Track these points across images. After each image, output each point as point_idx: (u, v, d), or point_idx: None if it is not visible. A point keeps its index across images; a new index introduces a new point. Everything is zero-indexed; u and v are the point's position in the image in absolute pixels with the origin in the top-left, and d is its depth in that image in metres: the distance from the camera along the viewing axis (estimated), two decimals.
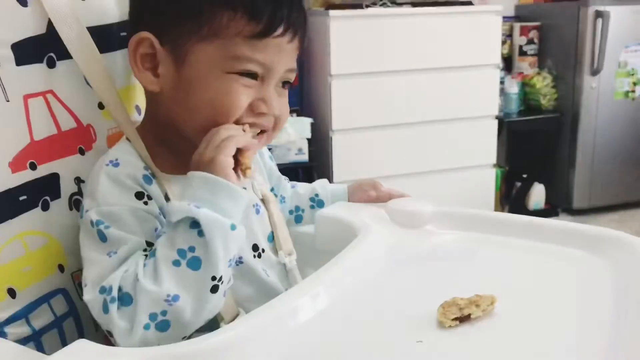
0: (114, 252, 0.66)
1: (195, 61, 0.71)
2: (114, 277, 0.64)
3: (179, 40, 0.71)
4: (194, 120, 0.73)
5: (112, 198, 0.69)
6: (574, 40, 2.93)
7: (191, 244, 0.63)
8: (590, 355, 0.59)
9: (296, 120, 2.55)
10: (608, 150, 3.01)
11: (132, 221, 0.68)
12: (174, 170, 0.75)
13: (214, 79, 0.71)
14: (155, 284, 0.62)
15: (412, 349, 0.61)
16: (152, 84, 0.73)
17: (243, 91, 0.72)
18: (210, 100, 0.71)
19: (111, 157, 0.73)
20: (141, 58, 0.72)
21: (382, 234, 0.86)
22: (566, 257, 0.81)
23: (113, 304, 0.62)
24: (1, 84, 0.69)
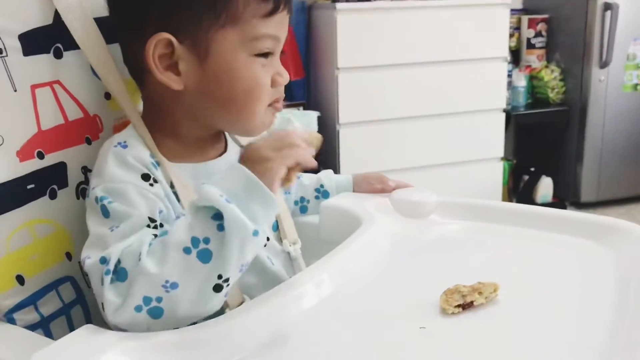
0: (116, 227, 0.65)
1: (219, 51, 0.71)
2: (115, 249, 0.62)
3: (198, 33, 0.71)
4: (228, 110, 0.74)
5: (118, 176, 0.69)
6: (582, 33, 2.91)
7: (207, 235, 0.61)
8: (592, 344, 0.59)
9: (303, 113, 2.55)
10: (616, 143, 3.00)
11: (137, 198, 0.68)
12: (179, 158, 0.76)
13: (241, 65, 0.72)
14: (157, 266, 0.60)
15: (415, 335, 0.62)
16: (176, 83, 0.72)
17: (265, 71, 0.74)
18: (241, 88, 0.73)
19: (119, 139, 0.74)
20: (159, 59, 0.71)
21: (386, 223, 0.86)
22: (571, 246, 0.81)
23: (108, 276, 0.60)
24: (9, 74, 0.70)
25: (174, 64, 0.72)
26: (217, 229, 0.61)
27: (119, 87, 0.78)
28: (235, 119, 0.76)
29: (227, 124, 0.78)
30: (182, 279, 0.60)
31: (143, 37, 0.70)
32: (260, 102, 0.75)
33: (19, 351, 0.65)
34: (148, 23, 0.71)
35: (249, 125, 0.77)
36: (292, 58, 2.64)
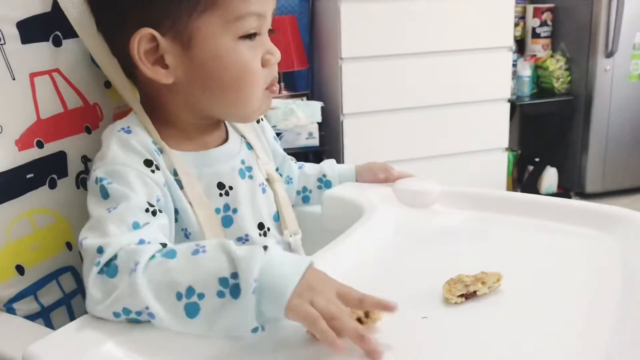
0: (113, 208, 0.64)
1: (203, 37, 0.70)
2: (116, 242, 0.60)
3: (179, 23, 0.69)
4: (222, 99, 0.74)
5: (120, 159, 0.69)
6: (588, 22, 2.89)
7: (205, 292, 0.56)
8: (597, 334, 0.58)
9: (306, 104, 2.54)
10: (622, 133, 2.98)
11: (136, 182, 0.67)
12: (180, 147, 0.76)
13: (227, 51, 0.71)
14: (147, 290, 0.56)
15: (417, 325, 0.61)
16: (165, 77, 0.71)
17: (253, 54, 0.73)
18: (231, 76, 0.72)
19: (123, 125, 0.73)
20: (145, 55, 0.70)
21: (388, 213, 0.86)
22: (575, 235, 0.80)
23: (97, 267, 0.59)
24: (7, 62, 0.70)
25: (160, 58, 0.71)
26: (218, 295, 0.56)
27: (118, 76, 0.77)
28: (230, 107, 0.75)
29: (223, 112, 0.78)
30: (163, 314, 0.57)
31: (126, 34, 0.70)
32: (254, 87, 0.74)
33: (19, 341, 0.65)
34: (128, 20, 0.70)
35: (245, 112, 0.77)
36: (296, 48, 2.63)
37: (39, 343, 0.55)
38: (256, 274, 0.55)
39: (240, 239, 0.77)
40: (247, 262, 0.55)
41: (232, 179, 0.78)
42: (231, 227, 0.77)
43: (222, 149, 0.80)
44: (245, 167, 0.81)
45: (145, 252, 0.58)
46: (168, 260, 0.58)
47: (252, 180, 0.81)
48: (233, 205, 0.77)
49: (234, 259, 0.56)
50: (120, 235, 0.61)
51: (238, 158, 0.81)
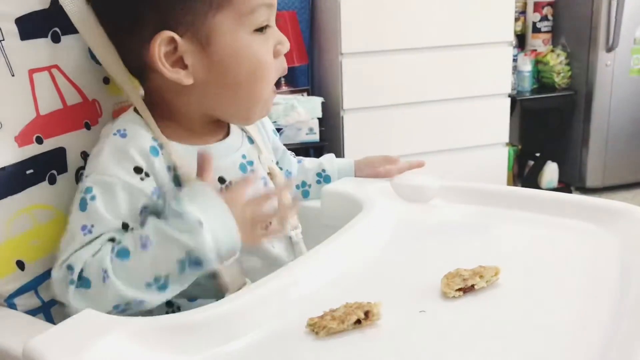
0: (88, 231, 0.67)
1: (221, 35, 0.71)
2: (79, 257, 0.66)
3: (196, 23, 0.70)
4: (236, 95, 0.75)
5: (110, 168, 0.69)
6: (588, 17, 2.88)
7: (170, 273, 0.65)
8: (594, 327, 0.58)
9: (307, 99, 2.54)
10: (622, 128, 2.98)
11: (122, 195, 0.69)
12: (182, 140, 0.76)
13: (243, 45, 0.72)
14: (124, 286, 0.64)
15: (415, 319, 0.62)
16: (186, 78, 0.72)
17: (267, 46, 0.75)
18: (247, 69, 0.73)
19: (119, 127, 0.73)
20: (165, 57, 0.71)
21: (388, 208, 0.86)
22: (574, 229, 0.80)
23: (71, 286, 0.64)
24: (6, 58, 0.70)
25: (179, 59, 0.71)
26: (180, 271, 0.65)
27: (119, 70, 0.77)
28: (242, 104, 0.76)
29: (231, 111, 0.78)
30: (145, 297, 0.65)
31: (142, 39, 0.70)
32: (267, 80, 0.76)
33: (20, 336, 0.65)
34: (145, 25, 0.70)
35: (252, 108, 0.78)
36: (296, 44, 2.62)
37: (40, 337, 0.55)
38: (211, 244, 0.65)
39: None
40: (199, 241, 0.64)
41: (233, 173, 0.79)
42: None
43: (224, 143, 0.81)
44: (247, 161, 0.81)
45: (105, 257, 0.65)
46: (124, 261, 0.65)
47: (253, 174, 0.81)
48: None
49: (179, 240, 0.64)
50: (81, 250, 0.67)
51: (239, 152, 0.81)
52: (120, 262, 0.65)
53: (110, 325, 0.57)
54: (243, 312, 0.61)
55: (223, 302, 0.62)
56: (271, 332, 0.60)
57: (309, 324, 0.60)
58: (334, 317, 0.60)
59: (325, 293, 0.66)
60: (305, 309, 0.62)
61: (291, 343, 0.59)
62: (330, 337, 0.59)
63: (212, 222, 0.65)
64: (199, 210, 0.65)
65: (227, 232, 0.67)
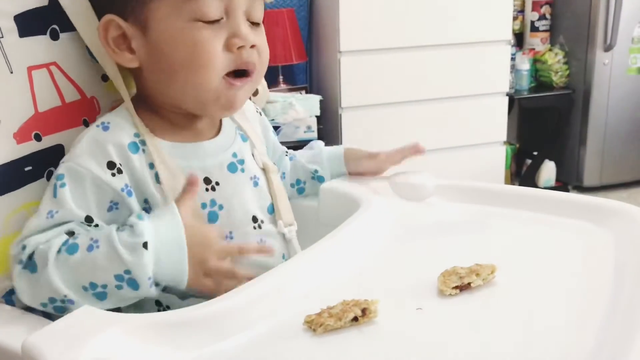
0: (51, 216, 0.68)
1: (157, 21, 0.71)
2: (34, 240, 0.66)
3: (137, 8, 0.72)
4: (174, 82, 0.73)
5: (83, 159, 0.70)
6: (586, 16, 2.89)
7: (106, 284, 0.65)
8: (589, 326, 0.59)
9: (305, 97, 2.54)
10: (620, 127, 2.98)
11: (90, 188, 0.70)
12: (170, 137, 0.76)
13: (178, 32, 0.71)
14: (60, 282, 0.64)
15: (412, 316, 0.62)
16: (131, 62, 0.74)
17: (212, 35, 0.71)
18: (181, 56, 0.71)
19: (105, 119, 0.74)
20: (114, 41, 0.73)
21: (384, 206, 0.86)
22: (569, 227, 0.81)
23: (19, 265, 0.66)
24: (4, 55, 0.70)
25: (129, 44, 0.73)
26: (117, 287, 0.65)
27: (113, 68, 0.77)
28: (185, 90, 0.73)
29: (180, 98, 0.75)
30: (79, 300, 0.65)
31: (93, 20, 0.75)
32: (207, 70, 0.71)
33: (18, 332, 0.65)
34: (99, 8, 0.74)
35: (200, 98, 0.74)
36: (294, 41, 2.62)
37: (38, 333, 0.55)
38: (149, 272, 0.64)
39: (225, 237, 0.77)
40: (137, 263, 0.64)
41: (219, 174, 0.78)
42: (217, 223, 0.77)
43: (214, 142, 0.80)
44: (238, 160, 0.81)
45: (53, 247, 0.65)
46: (69, 257, 0.65)
47: (243, 173, 0.80)
48: (219, 201, 0.77)
49: (121, 256, 0.64)
50: (40, 234, 0.67)
51: (230, 151, 0.81)
52: (66, 256, 0.65)
53: (108, 321, 0.57)
54: (240, 309, 0.61)
55: (220, 299, 0.62)
56: (268, 329, 0.60)
57: (306, 321, 0.60)
58: (331, 314, 0.60)
59: (323, 290, 0.67)
60: (302, 306, 0.63)
61: (288, 340, 0.59)
62: (327, 334, 0.59)
63: (160, 251, 0.65)
64: (153, 231, 0.65)
65: (174, 264, 0.66)
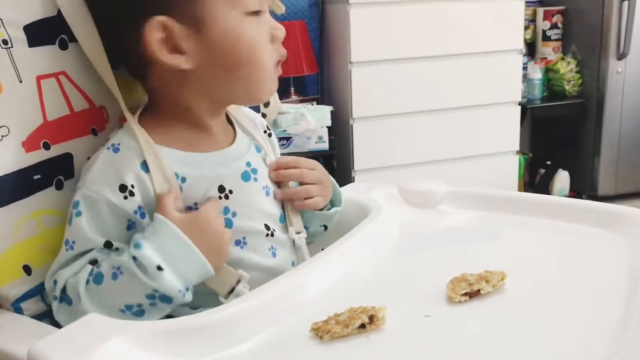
0: (70, 247, 0.70)
1: (213, 17, 0.71)
2: (63, 274, 0.68)
3: (189, 7, 0.70)
4: (237, 76, 0.75)
5: (96, 185, 0.70)
6: (599, 24, 2.87)
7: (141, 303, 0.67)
8: (601, 333, 0.58)
9: (316, 108, 2.54)
10: (634, 135, 2.95)
11: (105, 213, 0.70)
12: (186, 148, 0.76)
13: (236, 25, 0.72)
14: (97, 310, 0.66)
15: (420, 323, 0.61)
16: (185, 63, 0.72)
17: (261, 29, 0.75)
18: (244, 48, 0.73)
19: (114, 141, 0.73)
20: (161, 44, 0.70)
21: (394, 213, 0.86)
22: (581, 234, 0.80)
23: (55, 301, 0.68)
24: (14, 65, 0.70)
25: (175, 46, 0.71)
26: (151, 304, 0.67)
27: (112, 82, 0.76)
28: (245, 85, 0.76)
29: (237, 93, 0.78)
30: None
31: (137, 28, 0.70)
32: (266, 60, 0.75)
33: (26, 340, 0.65)
34: (135, 11, 0.70)
35: (258, 89, 0.78)
36: (306, 53, 2.63)
37: (44, 340, 0.55)
38: (177, 286, 0.66)
39: (238, 242, 0.76)
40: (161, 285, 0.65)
41: (233, 182, 0.78)
42: (232, 230, 0.76)
43: (228, 150, 0.80)
44: (251, 169, 0.81)
45: (82, 279, 0.67)
46: (98, 287, 0.67)
47: (256, 182, 0.80)
48: (232, 209, 0.77)
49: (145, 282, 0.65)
50: (66, 267, 0.69)
51: (244, 160, 0.81)
52: (94, 286, 0.67)
53: (114, 329, 0.57)
54: (246, 316, 0.61)
55: (226, 306, 0.62)
56: (275, 336, 0.60)
57: (313, 328, 0.60)
58: (338, 322, 0.59)
59: (330, 297, 0.66)
60: (309, 313, 0.62)
61: (295, 347, 0.59)
62: (334, 342, 0.59)
63: (175, 261, 0.66)
64: (159, 251, 0.66)
65: (194, 265, 0.68)
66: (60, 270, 0.69)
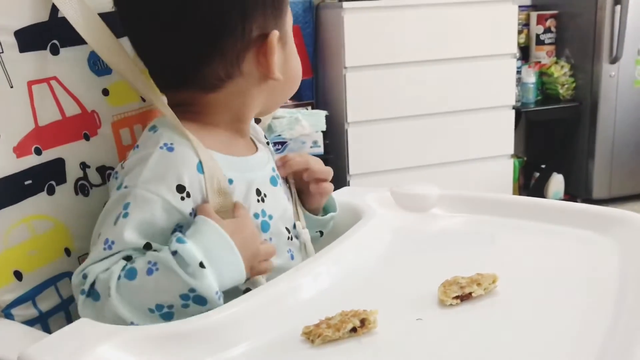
0: (108, 247, 0.66)
1: (288, 34, 0.78)
2: (94, 269, 0.66)
3: (279, 24, 0.75)
4: (292, 88, 0.83)
5: (153, 184, 0.68)
6: (592, 28, 2.89)
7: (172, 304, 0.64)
8: (591, 335, 0.58)
9: (311, 113, 2.55)
10: (628, 139, 2.97)
11: (159, 213, 0.68)
12: (224, 151, 0.75)
13: (293, 43, 0.81)
14: (124, 309, 0.63)
15: (412, 326, 0.61)
16: (279, 73, 0.76)
17: None
18: (298, 68, 0.82)
19: (166, 140, 0.71)
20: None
21: (387, 216, 0.86)
22: (572, 237, 0.80)
23: (82, 295, 0.65)
24: (5, 70, 0.70)
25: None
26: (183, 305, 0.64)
27: (138, 77, 0.75)
28: (281, 100, 0.85)
29: (279, 104, 0.87)
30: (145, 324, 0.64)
31: (247, 42, 0.73)
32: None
33: (17, 346, 0.65)
34: (253, 26, 0.72)
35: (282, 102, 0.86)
36: (300, 57, 2.63)
37: (35, 346, 0.55)
38: (215, 287, 0.64)
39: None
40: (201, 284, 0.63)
41: (266, 186, 0.79)
42: (268, 232, 0.77)
43: (257, 156, 0.81)
44: (275, 174, 0.82)
45: (114, 275, 0.64)
46: (130, 282, 0.64)
47: (280, 187, 0.82)
48: (268, 212, 0.77)
49: (183, 279, 0.63)
50: (99, 262, 0.67)
51: (269, 165, 0.82)
52: (126, 282, 0.64)
53: (105, 334, 0.57)
54: (238, 320, 0.61)
55: (218, 310, 0.61)
56: (266, 341, 0.60)
57: (304, 332, 0.60)
58: (330, 325, 0.59)
59: (322, 301, 0.66)
60: (301, 317, 0.62)
61: (286, 351, 0.59)
62: (325, 345, 0.59)
63: (216, 261, 0.65)
64: (202, 249, 0.64)
65: (233, 269, 0.66)
66: (92, 265, 0.66)
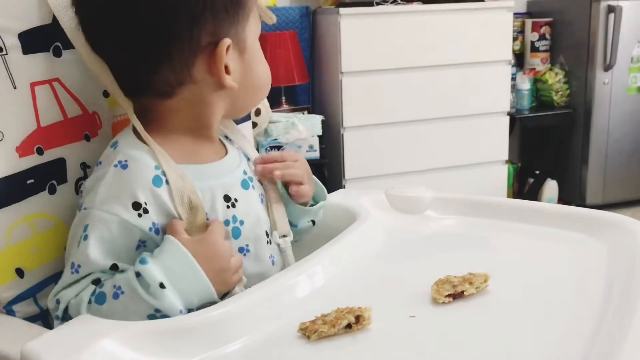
0: (75, 270, 0.68)
1: (250, 40, 0.77)
2: (66, 295, 0.67)
3: (238, 31, 0.74)
4: (257, 95, 0.82)
5: (107, 204, 0.68)
6: (586, 36, 2.92)
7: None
8: (578, 335, 0.59)
9: (307, 117, 2.57)
10: (621, 145, 2.99)
11: (118, 232, 0.68)
12: (186, 161, 0.74)
13: (258, 49, 0.80)
14: None
15: (405, 323, 0.63)
16: (233, 82, 0.74)
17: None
18: (264, 71, 0.81)
19: (120, 157, 0.71)
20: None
21: (381, 218, 0.87)
22: (563, 239, 0.82)
23: (57, 321, 0.68)
24: (9, 71, 0.72)
25: (226, 66, 0.73)
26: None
27: (116, 89, 0.76)
28: (256, 102, 0.84)
29: (247, 109, 0.86)
30: None
31: (196, 48, 0.71)
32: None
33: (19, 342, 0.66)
34: (201, 33, 0.70)
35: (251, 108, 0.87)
36: (297, 63, 2.66)
37: (37, 340, 0.56)
38: (178, 306, 0.64)
39: (241, 250, 0.77)
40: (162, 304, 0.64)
41: (236, 191, 0.78)
42: (239, 239, 0.77)
43: (225, 161, 0.80)
44: (248, 177, 0.81)
45: (84, 301, 0.66)
46: (100, 307, 0.66)
47: (254, 190, 0.81)
48: (239, 217, 0.77)
49: (146, 300, 0.64)
50: (69, 287, 0.68)
51: (240, 169, 0.81)
52: (96, 306, 0.66)
53: (106, 329, 0.58)
54: (235, 316, 0.62)
55: (216, 307, 0.63)
56: (263, 337, 0.61)
57: (300, 328, 0.61)
58: (325, 322, 0.61)
59: (317, 299, 0.68)
60: (297, 314, 0.64)
61: (282, 347, 0.60)
62: (321, 341, 0.60)
63: (178, 280, 0.65)
64: (163, 269, 0.65)
65: (197, 287, 0.66)
66: (64, 291, 0.68)
